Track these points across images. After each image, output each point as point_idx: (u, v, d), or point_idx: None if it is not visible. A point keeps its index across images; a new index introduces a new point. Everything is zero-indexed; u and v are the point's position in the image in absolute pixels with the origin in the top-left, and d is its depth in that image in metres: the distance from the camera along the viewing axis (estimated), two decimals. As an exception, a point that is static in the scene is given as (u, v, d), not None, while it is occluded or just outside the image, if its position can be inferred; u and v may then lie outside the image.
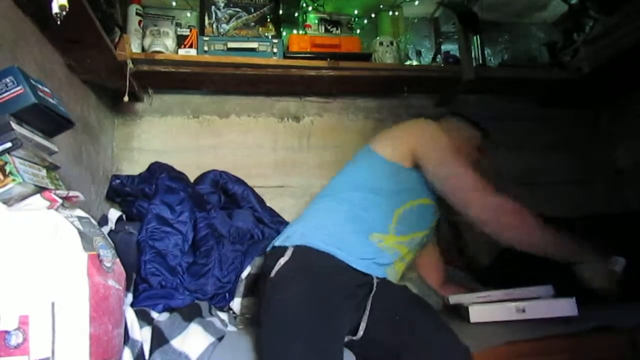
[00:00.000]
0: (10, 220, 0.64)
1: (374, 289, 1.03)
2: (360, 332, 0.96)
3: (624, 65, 1.62)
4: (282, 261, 0.97)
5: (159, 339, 0.89)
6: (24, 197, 0.71)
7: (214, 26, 1.63)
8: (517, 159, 1.95)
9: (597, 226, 1.60)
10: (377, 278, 1.05)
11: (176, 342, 0.89)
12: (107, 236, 0.83)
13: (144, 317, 0.96)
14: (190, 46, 1.54)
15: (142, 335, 0.89)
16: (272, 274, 0.95)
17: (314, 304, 0.86)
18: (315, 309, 0.85)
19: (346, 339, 0.94)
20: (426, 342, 0.90)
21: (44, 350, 0.59)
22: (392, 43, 1.72)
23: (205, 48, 1.52)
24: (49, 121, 0.81)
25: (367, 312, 0.98)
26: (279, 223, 1.52)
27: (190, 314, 0.99)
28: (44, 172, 0.79)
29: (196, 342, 0.89)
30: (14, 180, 0.68)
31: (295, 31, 1.74)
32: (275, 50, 1.53)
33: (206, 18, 1.63)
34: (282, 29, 1.71)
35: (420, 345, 0.90)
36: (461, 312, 1.24)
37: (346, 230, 1.03)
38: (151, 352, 0.87)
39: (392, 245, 1.09)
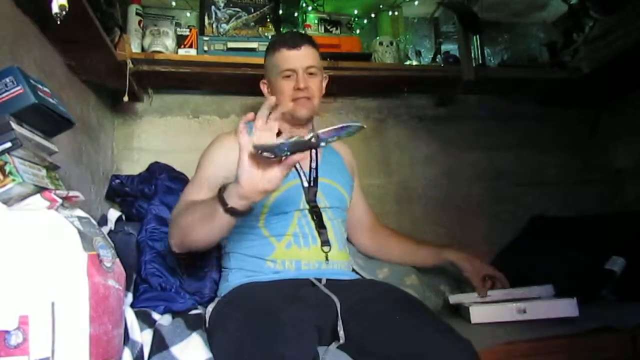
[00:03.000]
0: (10, 220, 0.63)
1: (323, 286, 0.99)
2: (341, 332, 0.89)
3: (624, 65, 1.62)
4: (209, 309, 1.01)
5: (159, 344, 0.88)
6: (23, 197, 0.71)
7: (214, 26, 1.63)
8: (517, 159, 1.95)
9: (597, 226, 1.60)
10: (318, 279, 1.02)
11: (176, 350, 0.88)
12: (107, 236, 0.82)
13: (145, 319, 0.95)
14: (190, 46, 1.53)
15: (142, 337, 0.89)
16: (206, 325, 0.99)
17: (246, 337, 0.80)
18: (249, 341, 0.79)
19: (335, 345, 0.88)
20: (426, 344, 0.80)
21: (44, 350, 0.59)
22: (392, 43, 1.72)
23: (205, 48, 1.52)
24: (49, 121, 0.81)
25: (339, 314, 0.92)
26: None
27: (194, 323, 0.97)
28: (44, 172, 0.79)
29: (196, 354, 0.87)
30: (13, 180, 0.68)
31: (295, 31, 1.74)
32: None
33: (206, 18, 1.63)
34: (282, 29, 1.71)
35: (419, 346, 0.80)
36: (462, 312, 1.24)
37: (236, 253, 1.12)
38: (150, 356, 0.87)
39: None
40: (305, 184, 1.13)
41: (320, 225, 1.11)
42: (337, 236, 1.14)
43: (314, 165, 1.17)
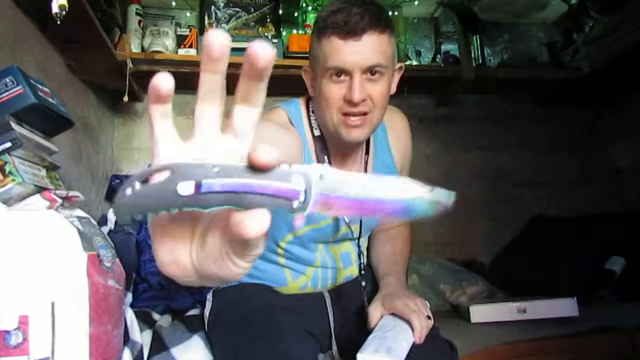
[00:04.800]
0: (10, 220, 0.63)
1: (327, 298, 0.94)
2: (334, 346, 0.88)
3: (624, 65, 1.62)
4: (206, 312, 0.95)
5: (159, 345, 0.89)
6: (23, 197, 0.71)
7: (214, 26, 1.63)
8: (517, 159, 1.95)
9: (597, 226, 1.60)
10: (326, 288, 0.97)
11: (176, 351, 0.88)
12: (107, 236, 0.82)
13: (145, 319, 0.95)
14: (190, 46, 1.54)
15: (142, 338, 0.89)
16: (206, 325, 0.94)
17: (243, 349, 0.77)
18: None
19: (330, 352, 0.89)
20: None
21: (44, 350, 0.59)
22: (392, 43, 1.72)
23: (205, 48, 1.52)
24: (49, 121, 0.81)
25: (332, 324, 0.90)
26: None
27: (194, 324, 0.98)
28: (43, 172, 0.78)
29: (196, 357, 0.88)
30: (13, 180, 0.68)
31: (295, 31, 1.74)
32: (275, 50, 1.53)
33: (206, 18, 1.63)
34: (282, 29, 1.70)
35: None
36: (461, 312, 1.24)
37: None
38: (150, 356, 0.87)
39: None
40: (348, 220, 0.89)
41: (344, 263, 0.97)
42: (356, 261, 0.99)
43: None
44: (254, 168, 0.25)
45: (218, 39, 0.27)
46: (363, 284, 0.89)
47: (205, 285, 0.33)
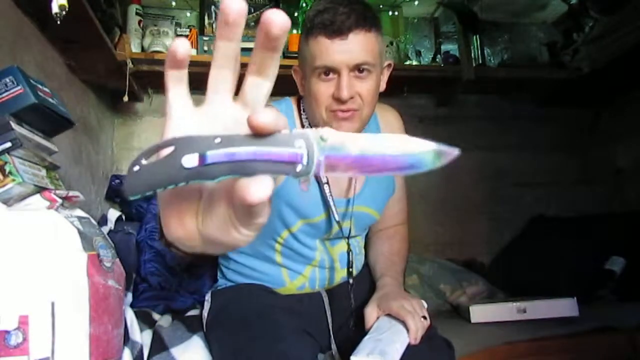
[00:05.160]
0: (10, 220, 0.63)
1: (324, 298, 0.95)
2: (333, 346, 0.90)
3: (624, 65, 1.62)
4: (204, 314, 0.95)
5: (159, 345, 0.89)
6: (23, 197, 0.71)
7: (214, 26, 1.63)
8: (517, 159, 1.95)
9: (597, 226, 1.60)
10: (322, 288, 0.97)
11: (176, 352, 0.88)
12: (107, 236, 0.82)
13: (145, 319, 0.95)
14: (190, 46, 1.54)
15: (142, 337, 0.89)
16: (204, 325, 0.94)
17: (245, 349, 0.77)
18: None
19: (329, 353, 0.90)
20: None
21: (44, 350, 0.59)
22: (392, 43, 1.72)
23: (205, 48, 1.52)
24: (49, 121, 0.81)
25: (330, 324, 0.92)
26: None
27: (194, 325, 0.98)
28: (43, 172, 0.79)
29: (196, 357, 0.88)
30: (13, 180, 0.68)
31: (295, 31, 1.74)
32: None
33: (206, 18, 1.63)
34: (281, 29, 1.71)
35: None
36: (461, 312, 1.24)
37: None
38: (150, 356, 0.87)
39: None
40: (338, 218, 0.89)
41: (342, 264, 0.97)
42: (355, 262, 0.99)
43: (358, 189, 0.93)
44: (256, 136, 0.26)
45: (235, 5, 0.28)
46: (350, 281, 0.90)
47: (209, 252, 0.34)
